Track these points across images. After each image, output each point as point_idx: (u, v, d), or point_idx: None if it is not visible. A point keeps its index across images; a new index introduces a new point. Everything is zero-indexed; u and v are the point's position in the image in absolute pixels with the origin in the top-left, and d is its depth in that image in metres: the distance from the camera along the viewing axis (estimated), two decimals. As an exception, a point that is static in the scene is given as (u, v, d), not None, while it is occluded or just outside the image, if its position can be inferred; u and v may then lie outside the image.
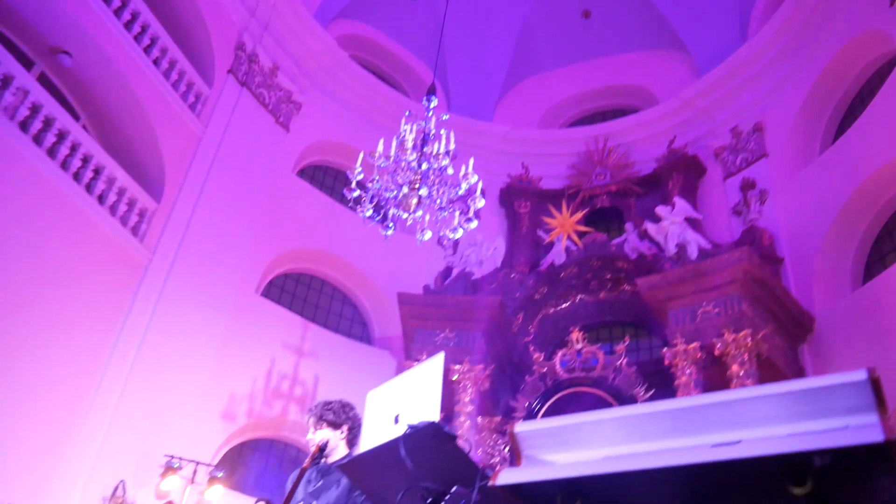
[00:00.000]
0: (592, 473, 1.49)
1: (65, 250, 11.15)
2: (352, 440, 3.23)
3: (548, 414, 12.70)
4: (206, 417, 12.44)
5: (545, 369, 12.94)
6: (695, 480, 1.52)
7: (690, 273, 11.90)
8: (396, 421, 1.90)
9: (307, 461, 3.03)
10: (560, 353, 12.98)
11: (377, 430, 1.96)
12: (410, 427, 1.64)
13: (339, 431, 3.16)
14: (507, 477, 1.55)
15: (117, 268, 12.06)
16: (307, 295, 15.49)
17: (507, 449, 12.74)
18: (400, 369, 14.28)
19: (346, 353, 14.45)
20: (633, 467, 1.48)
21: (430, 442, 1.64)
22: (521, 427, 1.65)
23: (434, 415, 1.71)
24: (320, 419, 3.14)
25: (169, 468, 11.23)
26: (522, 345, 14.03)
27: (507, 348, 13.83)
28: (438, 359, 1.85)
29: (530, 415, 12.66)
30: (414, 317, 13.23)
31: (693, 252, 12.44)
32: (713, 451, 1.43)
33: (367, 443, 1.98)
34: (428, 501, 1.77)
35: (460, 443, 1.63)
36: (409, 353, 13.25)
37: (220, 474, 11.61)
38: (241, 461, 13.55)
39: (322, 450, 3.06)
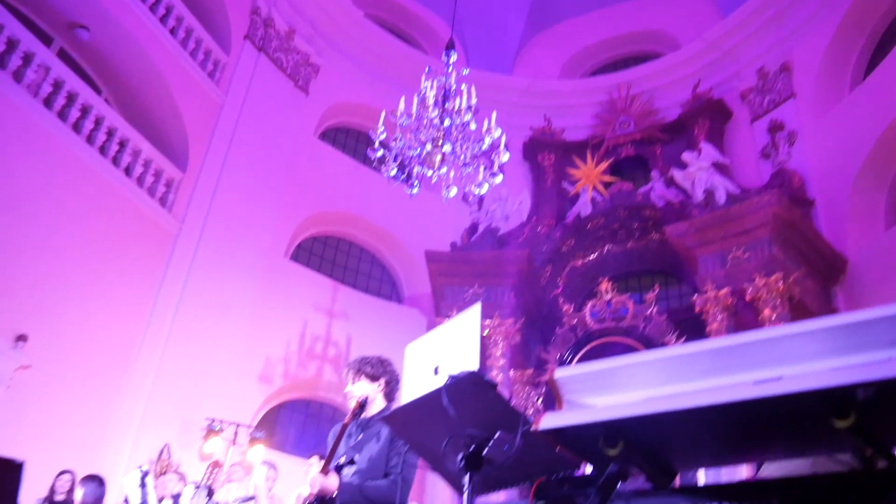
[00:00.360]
0: (634, 415, 1.51)
1: (97, 224, 11.33)
2: (389, 394, 3.27)
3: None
4: (244, 380, 12.71)
5: (575, 321, 12.96)
6: (736, 419, 1.54)
7: (719, 218, 11.77)
8: (436, 372, 1.94)
9: (348, 416, 3.09)
10: (589, 304, 12.98)
11: (417, 382, 1.99)
12: (451, 377, 1.67)
13: (377, 385, 3.22)
14: (549, 421, 1.57)
15: (148, 238, 12.24)
16: (335, 257, 15.61)
17: (540, 401, 12.85)
18: (430, 327, 14.40)
19: (376, 313, 14.60)
20: (675, 407, 1.49)
21: (470, 390, 1.67)
22: (561, 373, 1.67)
23: (474, 364, 1.74)
24: (359, 373, 3.19)
25: (210, 430, 11.54)
26: (551, 297, 14.04)
27: (536, 301, 13.86)
28: (475, 309, 1.87)
29: (562, 366, 12.73)
30: (442, 274, 13.30)
31: (721, 197, 12.28)
32: (755, 388, 1.44)
33: (407, 395, 2.02)
34: (471, 448, 1.81)
35: (500, 390, 1.66)
36: (439, 311, 13.35)
37: (260, 435, 11.89)
38: (280, 422, 13.86)
39: (362, 405, 3.12)
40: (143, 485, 3.27)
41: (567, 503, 1.78)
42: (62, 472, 6.69)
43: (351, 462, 3.12)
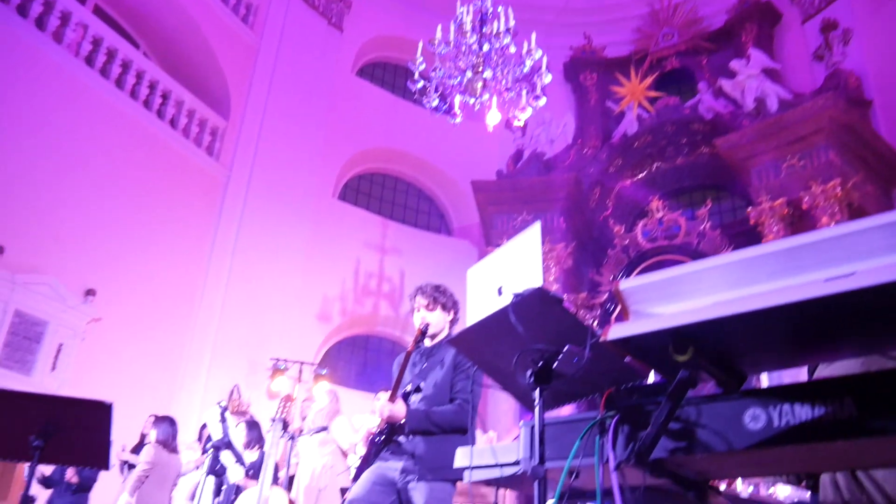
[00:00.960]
0: (703, 319, 1.51)
1: (150, 178, 11.59)
2: (454, 323, 3.33)
3: (633, 285, 12.71)
4: (304, 320, 13.05)
5: (627, 241, 12.88)
6: (807, 318, 1.53)
7: (772, 127, 11.41)
8: (500, 293, 1.96)
9: (412, 344, 3.16)
10: (641, 224, 12.85)
11: (481, 304, 2.03)
12: (517, 295, 1.69)
13: (447, 314, 3.28)
14: (617, 331, 1.59)
15: (199, 188, 12.49)
16: (382, 193, 15.70)
17: (595, 323, 12.90)
18: (481, 257, 14.44)
19: (427, 247, 14.71)
20: (745, 309, 1.49)
21: (537, 307, 1.69)
22: (626, 283, 1.67)
23: (537, 281, 1.76)
24: (435, 302, 3.24)
25: (276, 370, 11.94)
26: (601, 220, 13.93)
27: (586, 225, 13.77)
28: (535, 228, 1.88)
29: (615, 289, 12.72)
30: (490, 203, 13.28)
31: (773, 104, 11.87)
32: (826, 285, 1.43)
33: (472, 317, 2.05)
34: (540, 363, 1.84)
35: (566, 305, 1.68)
36: (489, 240, 13.39)
37: (323, 371, 12.26)
38: (341, 357, 14.25)
39: (424, 332, 3.18)
40: (223, 420, 3.44)
41: (637, 412, 1.81)
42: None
43: (417, 389, 3.21)
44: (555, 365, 1.72)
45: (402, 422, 2.99)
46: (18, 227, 9.82)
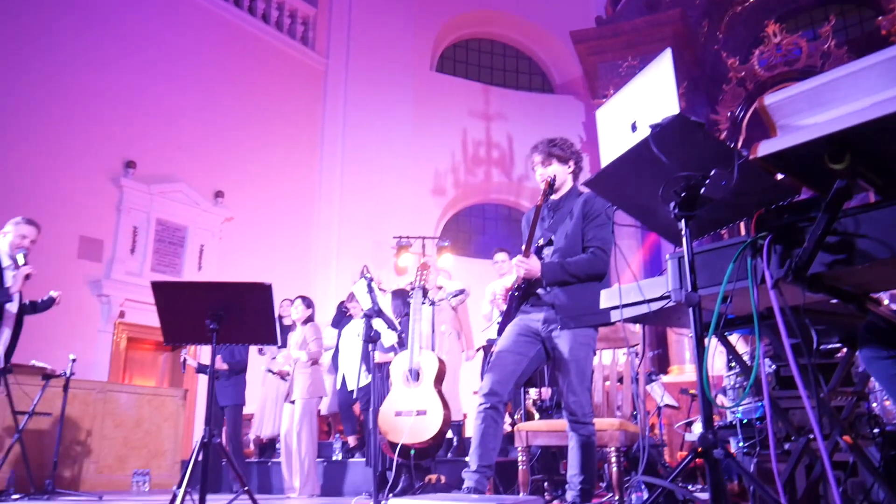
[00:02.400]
0: (862, 121, 1.44)
1: (254, 78, 11.85)
2: (576, 174, 3.30)
3: (754, 118, 12.08)
4: (419, 196, 13.30)
5: (742, 73, 12.11)
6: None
7: (904, -82, 10.17)
8: (634, 129, 1.93)
9: (540, 198, 3.17)
10: (756, 52, 12.00)
11: (615, 143, 2.00)
12: (655, 125, 1.65)
13: (566, 166, 3.24)
14: (767, 147, 1.54)
15: (300, 80, 12.65)
16: (480, 59, 15.35)
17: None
18: (588, 111, 14.08)
19: (531, 108, 14.43)
20: (909, 104, 1.40)
21: (678, 134, 1.65)
22: (772, 98, 1.60)
23: (674, 109, 1.71)
24: (550, 156, 3.21)
25: (400, 247, 12.33)
26: (713, 53, 13.09)
27: (697, 62, 13.01)
28: (666, 55, 1.81)
29: (734, 124, 12.12)
30: (592, 53, 12.72)
31: None
32: None
33: (607, 157, 2.03)
34: (682, 195, 1.82)
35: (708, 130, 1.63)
36: (595, 92, 12.93)
37: (445, 243, 12.53)
38: (460, 228, 14.51)
39: (551, 185, 3.17)
40: (370, 290, 3.64)
41: (791, 230, 1.78)
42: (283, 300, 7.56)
43: (549, 242, 3.24)
44: (702, 191, 1.69)
45: (539, 276, 3.05)
46: (145, 141, 10.39)
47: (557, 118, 13.64)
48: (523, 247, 3.16)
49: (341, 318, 7.42)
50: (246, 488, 2.90)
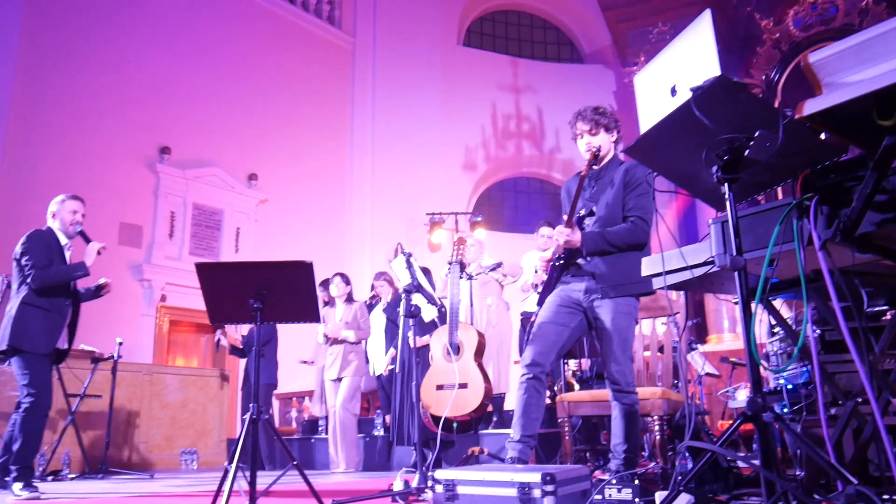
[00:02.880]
0: (914, 75, 1.40)
1: (284, 61, 11.91)
2: (618, 143, 3.25)
3: (790, 80, 11.82)
4: (451, 172, 13.28)
5: (777, 35, 11.81)
6: None
7: None
8: (673, 93, 1.90)
9: (585, 168, 3.14)
10: (791, 13, 11.69)
11: (655, 109, 1.97)
12: (696, 88, 1.63)
13: (611, 135, 3.19)
14: (813, 105, 1.52)
15: (329, 60, 12.66)
16: (507, 32, 15.20)
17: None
18: (618, 80, 13.88)
19: (560, 79, 14.27)
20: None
21: (720, 96, 1.63)
22: (817, 55, 1.57)
23: (715, 70, 1.68)
24: (597, 125, 3.16)
25: (433, 223, 12.35)
26: (745, 15, 12.77)
27: (729, 24, 12.71)
28: (705, 16, 1.78)
29: (770, 87, 11.86)
30: (621, 20, 12.52)
31: None
32: None
33: (646, 124, 2.01)
34: (725, 158, 1.80)
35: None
36: (625, 60, 12.74)
37: (478, 218, 12.53)
38: (492, 203, 14.48)
39: (596, 155, 3.13)
40: (409, 266, 3.66)
41: (837, 190, 1.75)
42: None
43: (590, 213, 3.21)
44: (746, 153, 1.67)
45: (579, 246, 3.03)
46: (180, 127, 10.51)
47: (587, 88, 13.48)
48: (564, 217, 3.15)
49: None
50: (295, 462, 2.96)
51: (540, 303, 3.24)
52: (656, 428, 3.62)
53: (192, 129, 10.64)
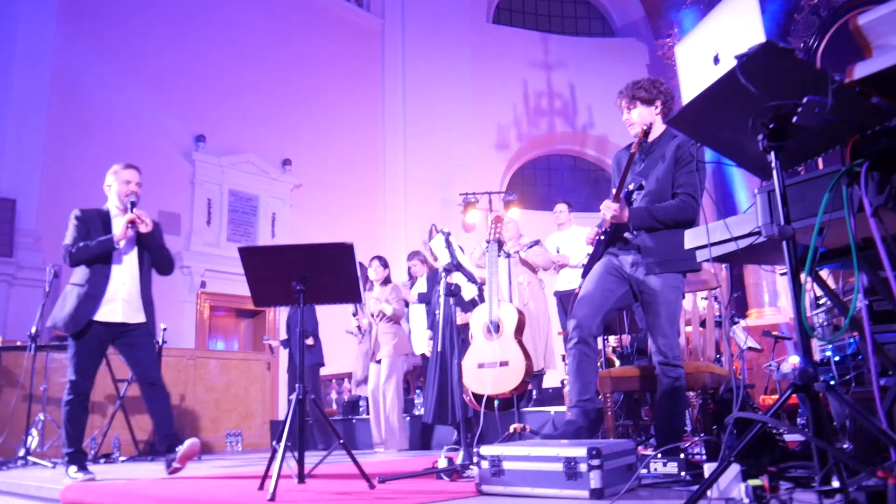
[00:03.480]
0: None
1: (315, 46, 11.96)
2: (667, 113, 3.19)
3: (828, 48, 11.53)
4: (483, 151, 13.24)
5: (815, 1, 11.53)
6: None
7: None
8: (716, 62, 1.87)
9: (635, 145, 3.09)
10: (831, -23, 11.39)
11: (697, 79, 1.95)
12: (741, 55, 1.60)
13: (652, 107, 3.14)
14: (866, 68, 1.48)
15: (358, 42, 12.67)
16: (536, 7, 15.02)
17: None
18: (652, 53, 13.67)
19: (592, 54, 14.10)
20: None
21: (766, 62, 1.59)
22: (867, 17, 1.53)
23: (760, 37, 1.65)
24: (633, 99, 3.12)
25: (467, 203, 12.37)
26: (783, -20, 12.48)
27: (765, -9, 12.43)
28: (749, -20, 1.74)
29: (809, 54, 11.59)
30: (654, -9, 12.31)
31: None
32: None
33: (688, 94, 1.98)
34: (771, 126, 1.76)
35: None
36: (658, 32, 12.55)
37: (513, 197, 12.51)
38: (526, 181, 14.41)
39: (647, 132, 3.09)
40: (448, 245, 3.67)
41: (889, 155, 1.71)
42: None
43: (640, 188, 3.17)
44: (794, 119, 1.63)
45: (626, 220, 3.01)
46: (214, 115, 10.62)
47: (620, 62, 13.30)
48: (613, 190, 3.13)
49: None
50: (342, 441, 3.00)
51: (584, 273, 3.23)
52: (700, 402, 3.59)
53: (226, 116, 10.74)
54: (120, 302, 3.99)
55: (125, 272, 4.06)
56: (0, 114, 8.89)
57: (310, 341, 7.13)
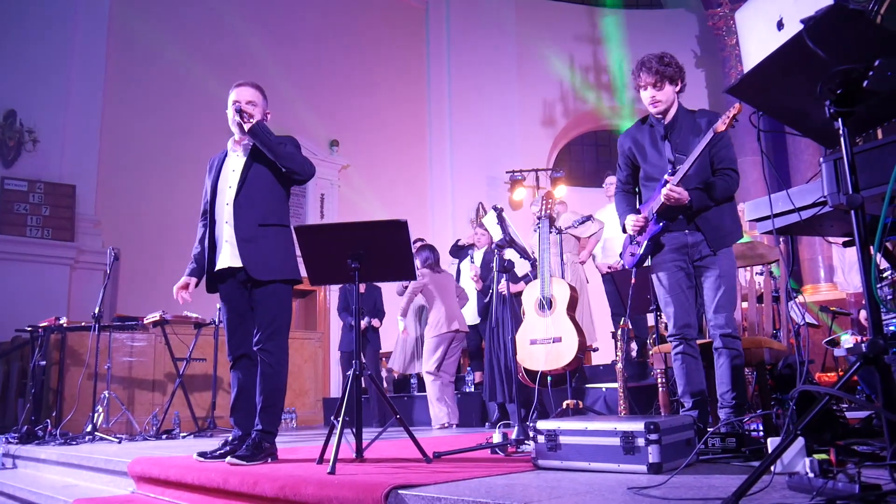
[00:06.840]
0: None
1: (360, 26, 12.00)
2: (681, 90, 3.12)
3: (890, 10, 11.08)
4: (529, 128, 13.13)
5: (875, -38, 11.08)
6: None
7: None
8: (780, 27, 1.82)
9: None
10: (891, -63, 10.92)
11: (760, 45, 1.90)
12: (808, 18, 1.55)
13: (675, 86, 3.07)
14: (942, 28, 1.42)
15: (402, 21, 12.65)
16: (582, -20, 14.78)
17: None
18: (702, 24, 13.35)
19: (641, 25, 13.79)
20: None
21: (835, 26, 1.55)
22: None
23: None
24: (662, 77, 3.04)
25: (514, 181, 12.31)
26: (840, -55, 12.03)
27: (821, -44, 12.00)
28: (816, -58, 1.68)
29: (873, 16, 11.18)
30: (704, -40, 11.99)
31: None
32: None
33: (750, 61, 1.94)
34: (839, 92, 1.71)
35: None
36: (709, 2, 12.23)
37: (559, 174, 12.41)
38: (572, 158, 14.26)
39: (667, 111, 3.06)
40: (500, 221, 3.66)
41: (964, 119, 1.65)
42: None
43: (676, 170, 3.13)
44: (864, 84, 1.58)
45: (686, 202, 2.97)
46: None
47: (669, 34, 13.02)
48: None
49: (457, 251, 7.58)
50: (398, 416, 3.04)
51: (644, 256, 3.21)
52: (758, 377, 3.54)
53: (273, 98, 10.66)
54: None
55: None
56: (60, 102, 9.13)
57: (376, 323, 7.36)
